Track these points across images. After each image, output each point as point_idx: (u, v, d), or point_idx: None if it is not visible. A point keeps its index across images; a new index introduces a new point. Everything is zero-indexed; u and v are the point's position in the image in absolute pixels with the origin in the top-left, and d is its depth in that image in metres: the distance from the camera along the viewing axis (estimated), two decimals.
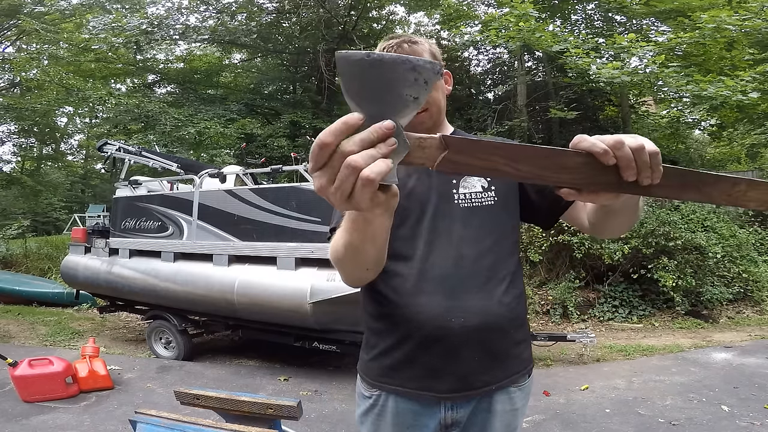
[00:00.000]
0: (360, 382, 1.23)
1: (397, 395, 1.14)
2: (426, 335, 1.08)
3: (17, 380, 3.72)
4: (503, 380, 1.13)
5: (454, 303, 1.08)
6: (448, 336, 1.07)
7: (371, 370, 1.18)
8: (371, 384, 1.18)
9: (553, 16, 10.98)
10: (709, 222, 7.25)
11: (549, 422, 3.46)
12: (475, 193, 1.15)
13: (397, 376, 1.13)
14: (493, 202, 1.15)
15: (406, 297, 1.10)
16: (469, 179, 1.16)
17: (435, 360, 1.09)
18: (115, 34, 10.74)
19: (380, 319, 1.16)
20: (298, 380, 4.45)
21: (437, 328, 1.07)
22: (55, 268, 9.68)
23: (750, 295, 6.98)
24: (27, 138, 19.60)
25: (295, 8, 12.63)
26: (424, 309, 1.08)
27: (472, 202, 1.14)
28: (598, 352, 5.21)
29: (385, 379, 1.15)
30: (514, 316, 1.14)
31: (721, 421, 3.40)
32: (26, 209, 15.01)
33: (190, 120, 10.62)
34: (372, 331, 1.20)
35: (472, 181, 1.16)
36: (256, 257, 4.47)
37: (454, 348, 1.08)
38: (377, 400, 1.17)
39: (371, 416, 1.18)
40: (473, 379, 1.10)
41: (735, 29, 7.03)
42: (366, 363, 1.20)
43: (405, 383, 1.12)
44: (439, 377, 1.10)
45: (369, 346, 1.20)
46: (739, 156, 13.56)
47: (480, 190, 1.15)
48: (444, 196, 1.14)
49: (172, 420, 1.63)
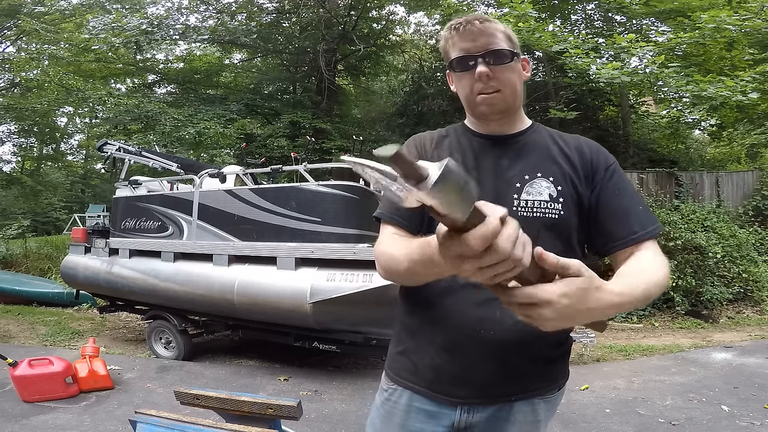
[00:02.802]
0: (384, 375, 1.20)
1: (413, 392, 1.11)
2: (452, 342, 1.04)
3: (17, 380, 3.71)
4: (527, 392, 1.08)
5: (487, 314, 1.01)
6: (474, 346, 1.02)
7: (396, 363, 1.16)
8: (391, 378, 1.16)
9: (553, 16, 10.98)
10: (709, 222, 7.25)
11: (549, 422, 3.46)
12: (540, 201, 1.03)
13: (417, 375, 1.10)
14: (558, 216, 1.03)
15: (438, 298, 1.05)
16: (536, 183, 1.04)
17: (456, 368, 1.05)
18: (115, 34, 10.74)
19: (410, 315, 1.14)
20: (298, 380, 4.45)
21: (465, 336, 1.03)
22: (55, 268, 9.68)
23: (750, 295, 6.98)
24: (27, 138, 19.63)
25: (295, 8, 12.63)
26: (454, 314, 1.04)
27: (534, 212, 1.03)
28: (598, 352, 5.20)
29: (406, 375, 1.12)
30: (553, 335, 1.05)
31: (721, 421, 3.40)
32: (26, 209, 15.01)
33: (190, 120, 10.62)
34: (402, 326, 1.17)
35: (541, 187, 1.04)
36: (256, 257, 4.47)
37: (479, 359, 1.03)
38: (392, 395, 1.14)
39: (382, 411, 1.16)
40: (493, 390, 1.06)
41: (735, 29, 7.03)
42: (393, 356, 1.18)
43: (423, 383, 1.09)
44: (458, 384, 1.06)
45: (398, 340, 1.18)
46: (739, 156, 13.55)
47: (547, 199, 1.03)
48: (501, 199, 1.02)
49: (172, 420, 1.63)
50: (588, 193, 1.06)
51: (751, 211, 8.82)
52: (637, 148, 11.91)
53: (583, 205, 1.06)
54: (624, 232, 1.02)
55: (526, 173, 1.05)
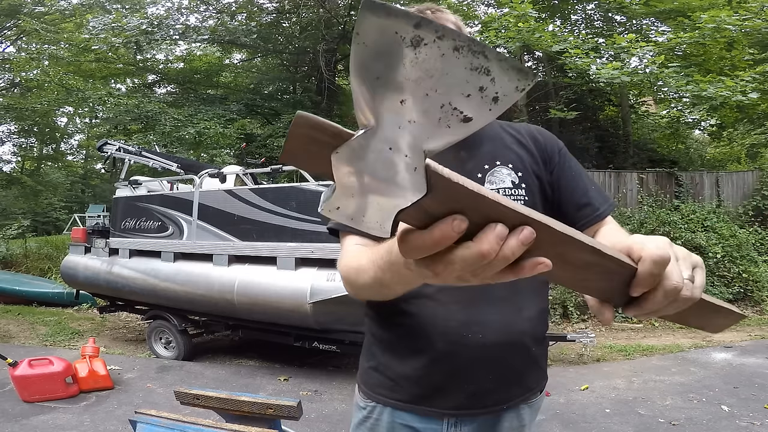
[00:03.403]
0: (357, 390, 1.12)
1: (395, 409, 1.02)
2: (436, 351, 0.97)
3: (17, 380, 3.71)
4: (516, 399, 1.03)
5: (472, 316, 0.96)
6: (461, 353, 0.96)
7: (370, 379, 1.07)
8: (367, 394, 1.07)
9: (553, 16, 10.99)
10: (709, 222, 7.26)
11: (549, 422, 3.46)
12: (504, 189, 1.00)
13: (397, 390, 1.02)
14: (523, 202, 0.99)
15: (417, 304, 0.98)
16: (497, 172, 1.02)
17: (443, 378, 0.98)
18: (115, 34, 10.74)
19: (384, 327, 1.05)
20: (298, 380, 4.45)
21: (450, 343, 0.96)
22: (55, 268, 9.68)
23: (750, 295, 6.98)
24: (27, 138, 19.62)
25: (295, 8, 12.63)
26: (436, 320, 0.97)
27: None
28: (598, 352, 5.20)
29: (383, 391, 1.04)
30: (537, 333, 1.04)
31: (721, 421, 3.40)
32: (26, 209, 15.01)
33: (189, 120, 10.63)
34: (375, 338, 1.08)
35: (502, 174, 1.02)
36: (256, 257, 4.47)
37: (467, 366, 0.97)
38: (371, 412, 1.05)
39: (363, 430, 1.07)
40: (484, 398, 1.00)
41: (735, 29, 7.04)
42: (366, 371, 1.09)
43: (405, 397, 1.01)
44: (446, 394, 1.00)
45: (370, 353, 1.08)
46: (739, 156, 13.55)
47: (510, 185, 1.01)
48: None
49: (172, 420, 1.63)
50: (548, 177, 1.05)
51: (751, 211, 8.82)
52: (637, 148, 11.92)
53: (545, 190, 1.05)
54: (587, 211, 1.02)
55: (485, 163, 1.03)
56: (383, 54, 0.32)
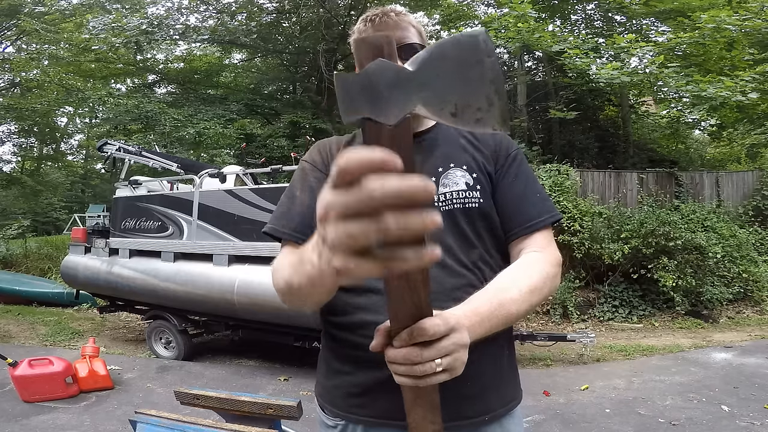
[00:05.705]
0: (318, 408, 1.03)
1: (368, 426, 0.94)
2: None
3: (17, 380, 3.72)
4: (499, 409, 0.96)
5: None
6: None
7: (335, 397, 0.99)
8: (333, 413, 0.98)
9: (553, 16, 11.00)
10: (709, 222, 7.25)
11: (549, 422, 3.46)
12: (457, 191, 0.96)
13: (366, 405, 0.94)
14: (478, 204, 0.97)
15: (372, 312, 0.91)
16: (450, 174, 0.98)
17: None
18: (115, 34, 10.75)
19: (340, 342, 0.98)
20: (298, 380, 4.45)
21: None
22: (55, 268, 9.68)
23: (750, 295, 6.98)
24: (27, 138, 19.63)
25: (295, 8, 12.63)
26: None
27: (454, 203, 0.96)
28: (598, 352, 5.20)
29: (352, 409, 0.95)
30: (507, 335, 1.00)
31: (721, 421, 3.40)
32: (26, 209, 15.00)
33: (189, 120, 10.64)
34: (332, 351, 1.01)
35: (456, 176, 0.98)
36: (256, 257, 4.47)
37: None
38: (344, 429, 0.97)
39: None
40: (464, 408, 0.92)
41: (735, 29, 7.05)
42: (326, 388, 1.01)
43: (377, 413, 0.92)
44: None
45: (330, 368, 1.01)
46: (739, 156, 13.55)
47: (464, 188, 0.97)
48: None
49: (172, 420, 1.63)
50: (495, 178, 1.01)
51: (751, 211, 8.82)
52: (637, 148, 11.92)
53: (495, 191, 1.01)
54: (516, 221, 0.97)
55: (439, 166, 0.99)
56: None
